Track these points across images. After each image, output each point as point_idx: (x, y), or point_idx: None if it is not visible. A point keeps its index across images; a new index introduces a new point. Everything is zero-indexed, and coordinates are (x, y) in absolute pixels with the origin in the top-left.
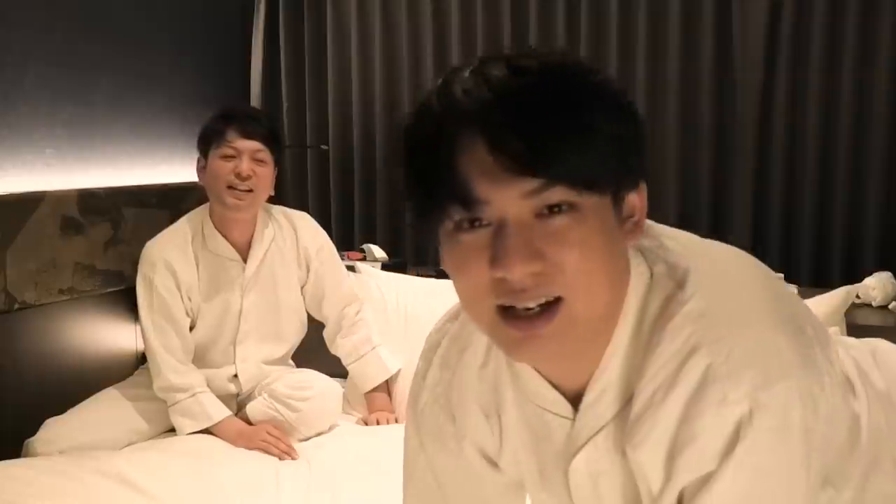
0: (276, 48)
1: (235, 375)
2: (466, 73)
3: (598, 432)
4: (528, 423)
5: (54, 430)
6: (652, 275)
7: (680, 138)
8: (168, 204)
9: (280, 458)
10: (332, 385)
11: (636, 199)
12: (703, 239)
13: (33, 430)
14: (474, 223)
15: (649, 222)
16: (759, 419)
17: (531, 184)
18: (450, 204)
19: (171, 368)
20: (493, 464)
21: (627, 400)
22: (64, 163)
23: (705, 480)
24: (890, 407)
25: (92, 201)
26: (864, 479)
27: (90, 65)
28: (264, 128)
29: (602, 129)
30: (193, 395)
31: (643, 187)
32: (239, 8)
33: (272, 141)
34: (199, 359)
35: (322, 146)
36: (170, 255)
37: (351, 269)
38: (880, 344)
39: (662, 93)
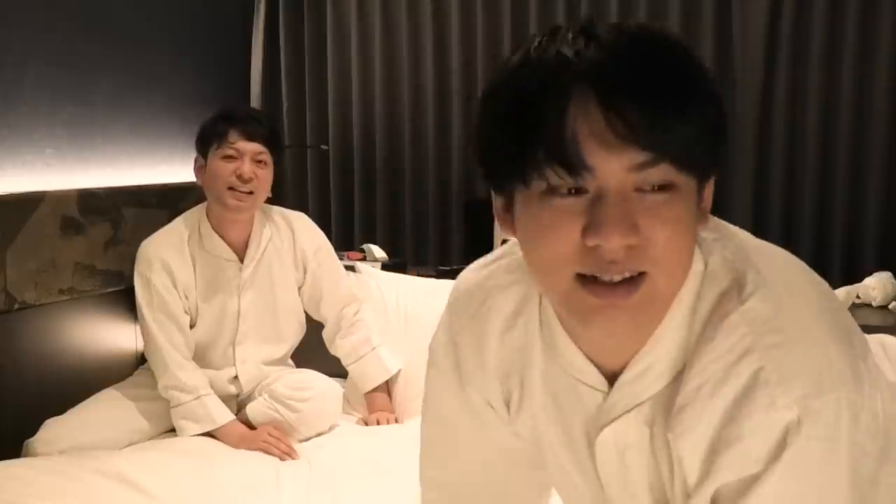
0: (276, 48)
1: (236, 377)
2: (570, 35)
3: (632, 409)
4: (555, 391)
5: (54, 431)
6: (706, 265)
7: None
8: (168, 204)
9: (281, 459)
10: (332, 385)
11: (708, 187)
12: (760, 240)
13: (33, 430)
14: (572, 190)
15: (710, 215)
16: (807, 427)
17: (641, 156)
18: (550, 166)
19: (178, 365)
20: (504, 418)
21: (667, 383)
22: (64, 163)
23: (748, 483)
24: None
25: (92, 201)
26: (878, 471)
27: (90, 65)
28: (266, 129)
29: (707, 111)
30: (198, 397)
31: (713, 178)
32: (239, 8)
33: (273, 142)
34: (199, 360)
35: (322, 146)
36: (166, 254)
37: (351, 268)
38: (887, 339)
39: None
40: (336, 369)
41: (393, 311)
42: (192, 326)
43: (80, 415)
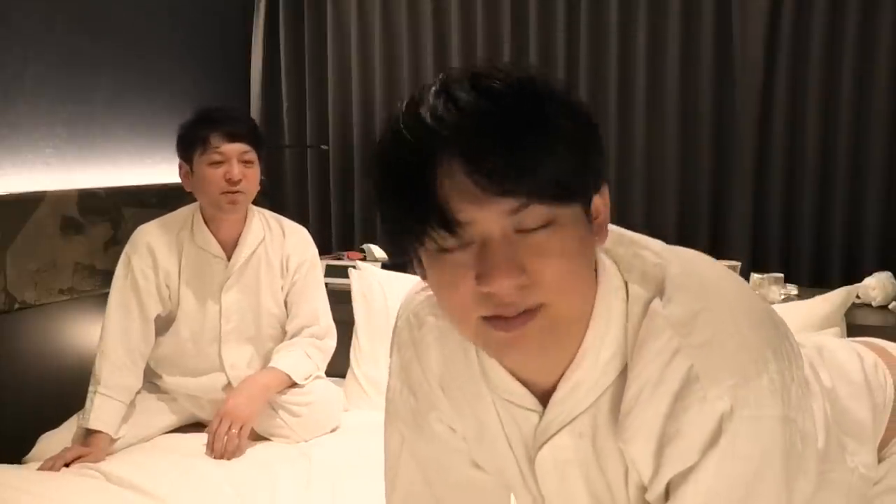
0: (276, 48)
1: (228, 384)
2: (432, 97)
3: (567, 424)
4: (500, 412)
5: (50, 445)
6: (626, 282)
7: (680, 138)
8: (168, 204)
9: (217, 457)
10: (333, 389)
11: (599, 201)
12: (669, 246)
13: (33, 430)
14: (460, 246)
15: (624, 231)
16: (739, 412)
17: (509, 204)
18: (433, 228)
19: (110, 359)
20: (463, 445)
21: (598, 395)
22: (64, 163)
23: (691, 470)
24: (837, 401)
25: (92, 201)
26: (820, 472)
27: (90, 65)
28: (247, 127)
29: (568, 140)
30: (95, 391)
31: (605, 189)
32: (239, 8)
33: (256, 140)
34: (185, 364)
35: (322, 146)
36: (153, 239)
37: (352, 268)
38: (827, 342)
39: (662, 93)
40: (335, 369)
41: (393, 309)
42: (172, 319)
43: (75, 427)
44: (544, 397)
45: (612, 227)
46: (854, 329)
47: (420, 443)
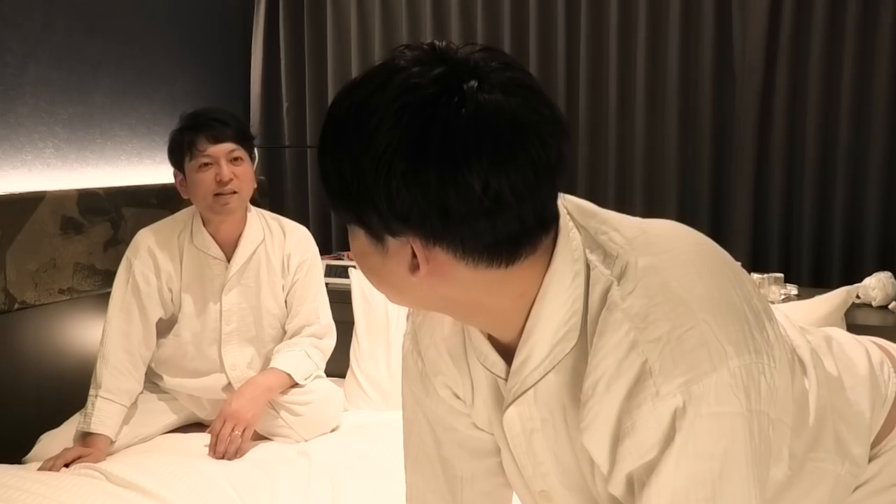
0: (276, 48)
1: (228, 384)
2: None
3: (522, 394)
4: (485, 377)
5: (50, 445)
6: (588, 263)
7: (680, 138)
8: (168, 204)
9: (219, 457)
10: (333, 388)
11: (402, 243)
12: (650, 225)
13: (33, 430)
14: None
15: (598, 210)
16: (693, 409)
17: None
18: None
19: (111, 363)
20: (465, 409)
21: (547, 371)
22: (64, 163)
23: (650, 467)
24: (840, 391)
25: (92, 201)
26: (805, 455)
27: (90, 65)
28: (232, 126)
29: (331, 175)
30: (97, 395)
31: (406, 233)
32: (239, 8)
33: (243, 137)
34: (186, 366)
35: None
36: (154, 243)
37: (352, 268)
38: (836, 334)
39: (662, 93)
40: (335, 369)
41: (393, 306)
42: (174, 322)
43: (76, 426)
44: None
45: (586, 204)
46: (854, 329)
47: (428, 402)
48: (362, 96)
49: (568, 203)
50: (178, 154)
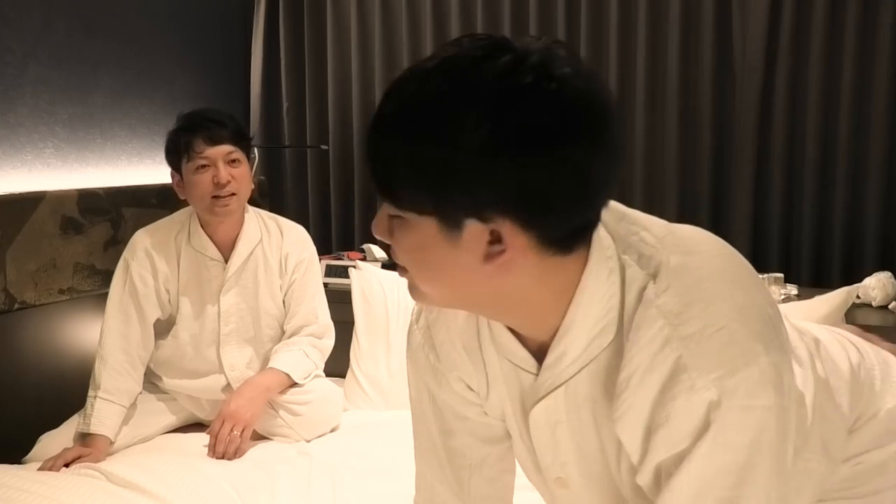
0: (276, 48)
1: (227, 385)
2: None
3: (555, 389)
4: (502, 368)
5: (50, 445)
6: (622, 264)
7: (680, 138)
8: (168, 204)
9: (219, 457)
10: (332, 389)
11: (488, 229)
12: (676, 227)
13: (33, 430)
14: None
15: (628, 210)
16: (727, 402)
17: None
18: None
19: (109, 364)
20: (478, 401)
21: (583, 366)
22: (64, 163)
23: (681, 458)
24: (828, 392)
25: (92, 201)
26: (798, 455)
27: (90, 65)
28: (229, 128)
29: (408, 163)
30: (96, 396)
31: (500, 219)
32: (239, 8)
33: (240, 139)
34: (184, 367)
35: (322, 146)
36: (151, 244)
37: (352, 268)
38: (820, 334)
39: (662, 93)
40: (335, 369)
41: (393, 306)
42: (172, 323)
43: (75, 426)
44: (542, 357)
45: (615, 205)
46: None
47: (440, 393)
48: (451, 83)
49: None
50: (175, 155)
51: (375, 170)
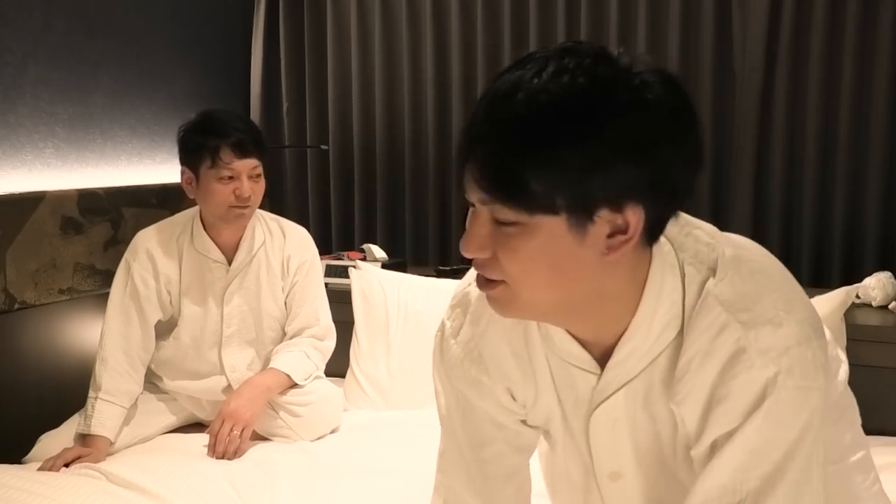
0: (276, 48)
1: (228, 386)
2: (482, 102)
3: (622, 386)
4: (554, 375)
5: (50, 445)
6: (681, 262)
7: None
8: (168, 204)
9: (219, 457)
10: (333, 390)
11: (618, 219)
12: (719, 231)
13: (33, 430)
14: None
15: (680, 213)
16: (783, 379)
17: (481, 196)
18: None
19: (110, 365)
20: (520, 411)
21: (650, 361)
22: (64, 163)
23: (735, 430)
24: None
25: (92, 201)
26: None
27: (90, 64)
28: (254, 140)
29: (541, 160)
30: (97, 397)
31: (633, 207)
32: (239, 8)
33: (263, 152)
34: (185, 368)
35: (322, 146)
36: (153, 245)
37: (352, 268)
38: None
39: None
40: (335, 369)
41: (393, 306)
42: (174, 324)
43: (75, 426)
44: (601, 360)
45: None
46: (854, 329)
47: (482, 404)
48: (588, 79)
49: None
50: (195, 155)
51: (499, 176)
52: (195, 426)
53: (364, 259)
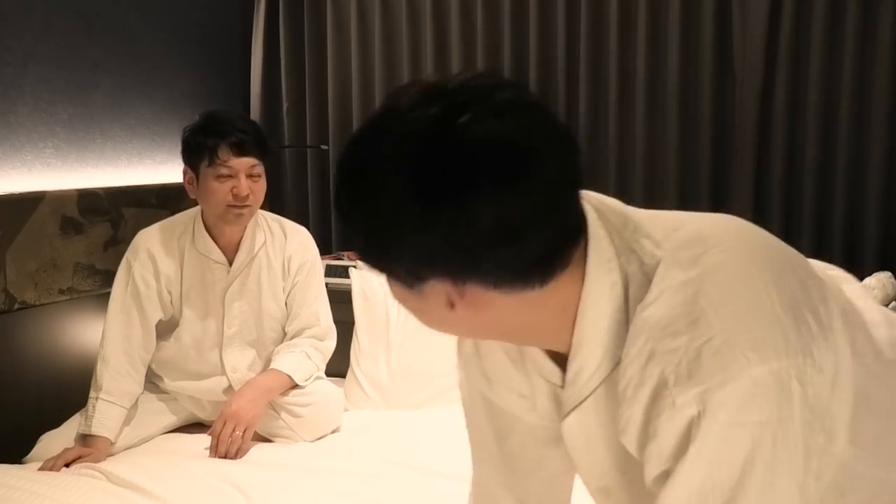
0: (276, 48)
1: (229, 386)
2: None
3: (580, 403)
4: (542, 381)
5: (50, 445)
6: (624, 276)
7: (680, 138)
8: (168, 204)
9: (223, 456)
10: (333, 390)
11: (430, 287)
12: (687, 222)
13: (33, 430)
14: None
15: (631, 215)
16: (709, 418)
17: None
18: None
19: (111, 365)
20: (528, 403)
21: (602, 380)
22: (64, 163)
23: (668, 473)
24: (873, 377)
25: (92, 201)
26: (826, 460)
27: (90, 65)
28: (255, 140)
29: (362, 220)
30: (97, 398)
31: (443, 282)
32: (239, 8)
33: (264, 152)
34: (186, 368)
35: (322, 146)
36: (154, 245)
37: (352, 268)
38: (846, 284)
39: (662, 92)
40: (335, 369)
41: (393, 306)
42: (175, 324)
43: (75, 427)
44: None
45: (621, 209)
46: None
47: (495, 397)
48: (365, 151)
49: (595, 202)
50: (196, 155)
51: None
52: (196, 426)
53: None
